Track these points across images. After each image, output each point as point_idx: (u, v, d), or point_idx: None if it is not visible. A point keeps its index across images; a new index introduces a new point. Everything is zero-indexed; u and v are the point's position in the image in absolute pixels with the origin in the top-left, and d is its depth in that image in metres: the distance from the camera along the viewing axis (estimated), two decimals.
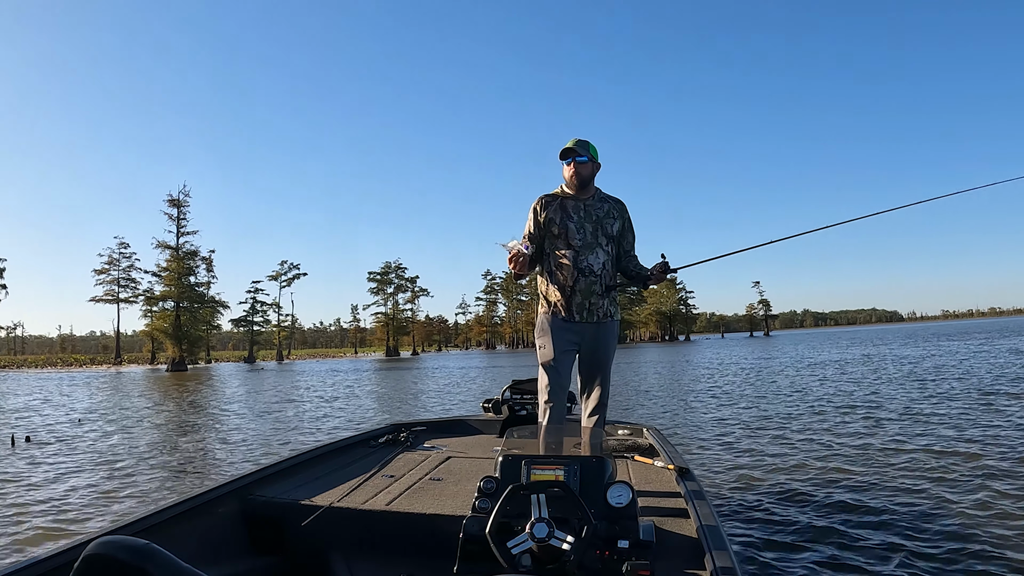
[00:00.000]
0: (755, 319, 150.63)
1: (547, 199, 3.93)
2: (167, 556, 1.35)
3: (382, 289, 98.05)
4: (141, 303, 68.87)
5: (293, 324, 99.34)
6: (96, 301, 72.88)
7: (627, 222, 4.07)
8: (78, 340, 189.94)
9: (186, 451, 10.39)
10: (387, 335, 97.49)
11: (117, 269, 73.17)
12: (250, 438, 11.76)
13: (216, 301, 71.42)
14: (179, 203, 66.00)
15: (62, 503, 6.86)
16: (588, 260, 3.84)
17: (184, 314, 64.95)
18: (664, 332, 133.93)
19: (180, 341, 62.58)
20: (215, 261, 79.85)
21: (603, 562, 2.35)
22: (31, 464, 9.50)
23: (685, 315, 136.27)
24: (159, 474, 8.44)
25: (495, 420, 5.43)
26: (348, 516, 3.19)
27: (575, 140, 3.86)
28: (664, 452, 4.16)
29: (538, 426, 3.56)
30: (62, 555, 2.31)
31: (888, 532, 5.01)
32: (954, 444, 8.13)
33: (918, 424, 9.95)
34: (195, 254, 67.32)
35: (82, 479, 8.16)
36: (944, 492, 6.02)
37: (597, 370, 3.98)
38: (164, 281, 65.54)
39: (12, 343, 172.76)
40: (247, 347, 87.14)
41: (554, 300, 3.89)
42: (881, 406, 12.30)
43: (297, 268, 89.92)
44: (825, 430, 9.95)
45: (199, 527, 3.08)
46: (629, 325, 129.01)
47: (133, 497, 7.08)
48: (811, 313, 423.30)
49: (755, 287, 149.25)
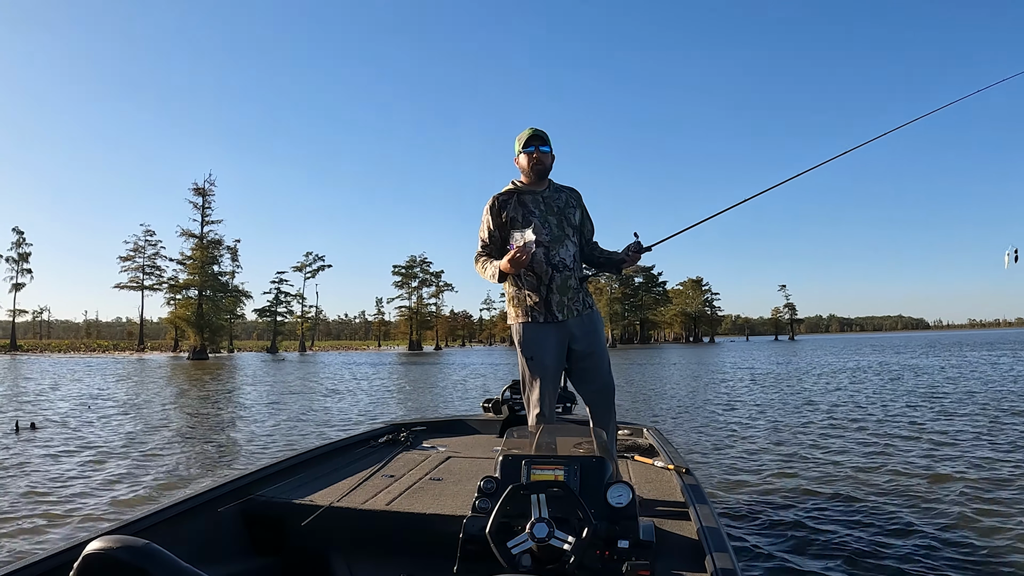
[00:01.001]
0: (780, 323, 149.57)
1: (503, 197, 3.73)
2: (167, 556, 1.35)
3: (406, 283, 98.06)
4: (164, 291, 69.15)
5: (317, 316, 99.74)
6: (120, 288, 73.39)
7: (585, 210, 3.89)
8: (104, 326, 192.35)
9: (182, 443, 10.32)
10: (410, 329, 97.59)
11: (142, 256, 73.61)
12: (242, 431, 11.77)
13: (239, 290, 72.04)
14: (204, 192, 66.17)
15: (57, 495, 6.79)
16: (560, 254, 3.63)
17: (206, 303, 65.14)
18: (689, 333, 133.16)
19: (202, 330, 62.91)
20: (240, 251, 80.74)
21: (603, 562, 2.35)
22: (32, 451, 9.46)
23: (710, 317, 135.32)
24: (153, 465, 8.43)
25: (495, 420, 5.42)
26: (348, 516, 3.20)
27: (533, 129, 3.69)
28: (664, 452, 4.17)
29: (538, 426, 3.47)
30: (62, 555, 2.33)
31: (889, 534, 5.04)
32: (958, 454, 8.08)
33: (923, 431, 9.96)
34: (219, 243, 67.55)
35: (79, 469, 8.12)
36: (947, 497, 6.05)
37: (597, 365, 3.75)
38: (188, 269, 65.98)
39: (38, 327, 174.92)
40: (271, 337, 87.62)
41: (531, 303, 3.64)
42: (886, 414, 12.22)
43: (322, 260, 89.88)
44: (828, 435, 9.99)
45: (199, 527, 3.09)
46: (654, 325, 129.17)
47: (131, 490, 7.04)
48: (837, 318, 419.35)
49: (781, 290, 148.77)
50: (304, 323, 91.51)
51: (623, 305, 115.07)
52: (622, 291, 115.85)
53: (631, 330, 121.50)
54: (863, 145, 4.47)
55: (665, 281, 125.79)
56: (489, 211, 3.73)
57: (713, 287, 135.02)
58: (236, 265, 72.44)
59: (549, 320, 3.62)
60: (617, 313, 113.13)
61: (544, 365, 3.62)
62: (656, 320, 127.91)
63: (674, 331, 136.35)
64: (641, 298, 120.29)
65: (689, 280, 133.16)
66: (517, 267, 3.45)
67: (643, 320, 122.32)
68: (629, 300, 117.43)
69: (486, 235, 3.74)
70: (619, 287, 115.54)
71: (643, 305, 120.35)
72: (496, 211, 3.71)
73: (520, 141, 3.70)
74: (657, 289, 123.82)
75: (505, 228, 3.67)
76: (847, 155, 4.34)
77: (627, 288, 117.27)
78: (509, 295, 3.74)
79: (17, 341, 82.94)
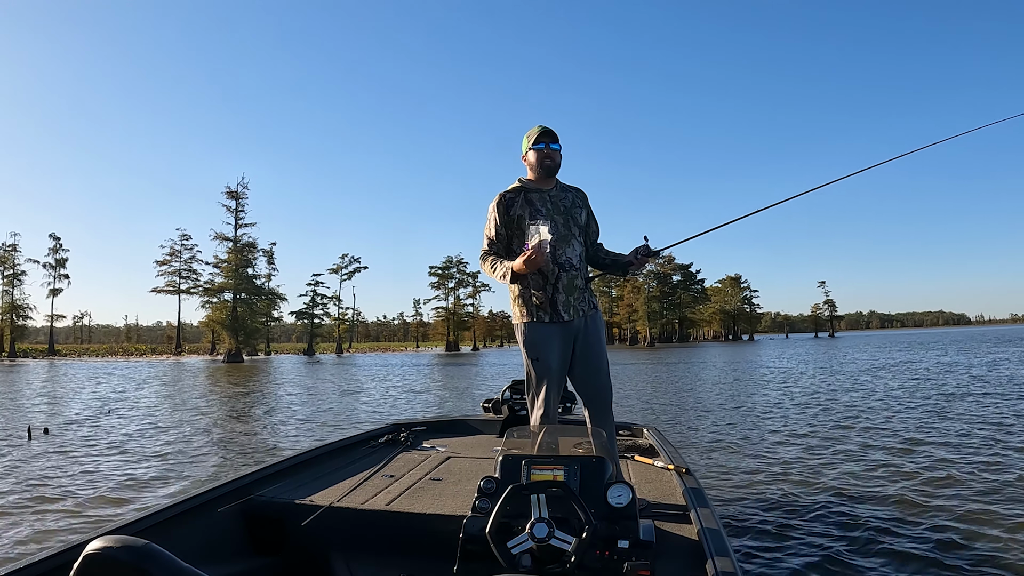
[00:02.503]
0: (820, 320, 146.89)
1: (509, 195, 3.70)
2: (167, 556, 1.36)
3: (443, 284, 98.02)
4: (199, 294, 69.70)
5: (355, 317, 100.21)
6: (157, 292, 73.99)
7: (591, 211, 3.88)
8: (144, 330, 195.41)
9: (193, 450, 10.11)
10: (447, 330, 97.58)
11: (179, 260, 74.12)
12: (247, 431, 11.83)
13: (273, 293, 72.29)
14: (237, 195, 66.63)
15: (56, 503, 6.64)
16: (566, 254, 3.61)
17: (241, 306, 65.67)
18: (728, 331, 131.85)
19: (237, 333, 63.46)
20: (277, 254, 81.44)
21: (603, 562, 2.34)
22: (42, 457, 9.35)
23: (749, 314, 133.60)
24: (155, 469, 8.34)
25: (495, 420, 5.44)
26: (348, 516, 3.22)
27: (542, 127, 3.67)
28: (664, 452, 4.20)
29: (538, 426, 3.47)
30: (62, 555, 2.34)
31: (892, 537, 5.03)
32: (965, 457, 7.92)
33: (933, 434, 9.76)
34: (253, 246, 67.90)
35: (83, 475, 7.97)
36: (953, 502, 5.98)
37: (597, 366, 3.71)
38: (222, 273, 66.60)
39: (79, 332, 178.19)
40: (308, 340, 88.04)
41: (536, 303, 3.60)
42: (898, 415, 11.90)
43: (358, 261, 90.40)
44: (834, 436, 9.86)
45: (199, 527, 3.10)
46: (692, 324, 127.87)
47: (131, 495, 6.96)
48: (877, 314, 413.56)
49: (820, 287, 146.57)
50: (341, 325, 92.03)
51: (661, 303, 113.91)
52: (660, 289, 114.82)
53: (669, 328, 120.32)
54: (906, 154, 4.46)
55: (703, 279, 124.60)
56: (496, 209, 3.70)
57: (752, 284, 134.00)
58: (272, 268, 73.31)
59: (554, 320, 3.59)
60: (655, 311, 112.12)
61: (550, 367, 3.59)
62: (695, 318, 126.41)
63: (713, 329, 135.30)
64: (679, 296, 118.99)
65: (728, 277, 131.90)
66: (532, 267, 3.40)
67: (681, 318, 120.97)
68: (667, 298, 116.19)
69: (493, 233, 3.71)
70: (657, 285, 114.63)
71: (681, 303, 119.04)
72: (503, 209, 3.69)
73: (529, 138, 3.68)
74: (696, 287, 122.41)
75: (512, 226, 3.68)
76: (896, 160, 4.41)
77: (665, 286, 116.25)
78: (514, 294, 3.69)
79: (56, 346, 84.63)
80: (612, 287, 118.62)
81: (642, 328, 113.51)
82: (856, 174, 4.31)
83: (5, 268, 76.69)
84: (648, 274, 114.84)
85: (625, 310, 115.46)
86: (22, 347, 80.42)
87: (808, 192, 4.11)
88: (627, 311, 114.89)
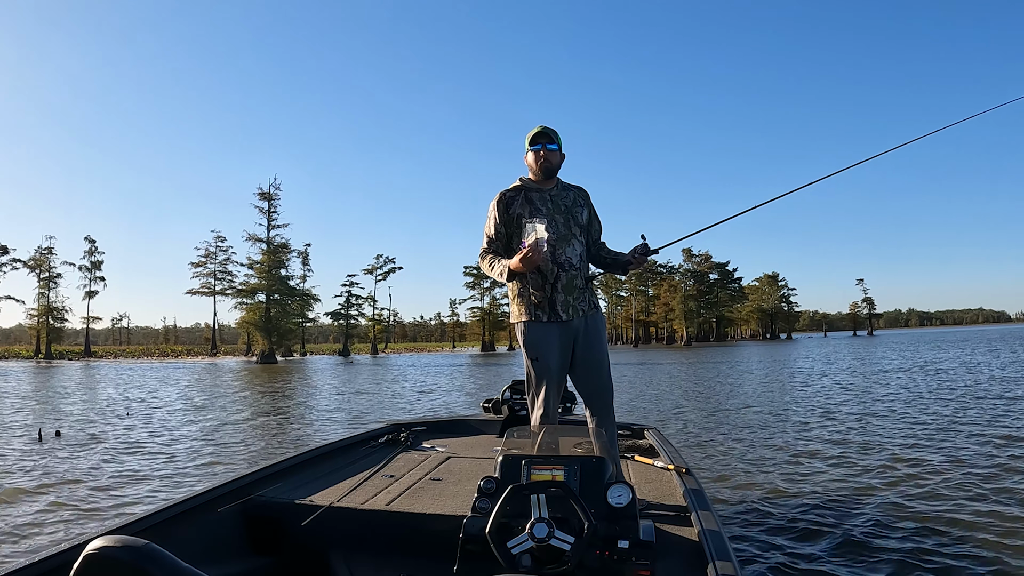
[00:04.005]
0: (858, 318, 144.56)
1: (510, 194, 3.72)
2: (167, 556, 1.36)
3: (478, 283, 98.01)
4: (231, 295, 69.96)
5: (391, 318, 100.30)
6: (192, 293, 74.62)
7: (593, 210, 3.88)
8: (182, 331, 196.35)
9: (194, 450, 9.88)
10: (483, 330, 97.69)
11: (214, 262, 74.23)
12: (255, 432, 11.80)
13: (307, 294, 72.29)
14: (269, 196, 66.72)
15: (50, 509, 6.47)
16: (566, 253, 3.61)
17: (274, 307, 65.58)
18: (765, 330, 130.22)
19: (270, 334, 63.69)
20: (312, 255, 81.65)
21: (603, 562, 2.34)
22: (49, 459, 9.15)
23: (787, 313, 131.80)
24: (158, 474, 8.11)
25: (495, 420, 5.41)
26: (348, 516, 3.20)
27: (541, 127, 3.66)
28: (664, 452, 4.18)
29: (538, 426, 3.44)
30: (62, 555, 2.33)
31: (893, 539, 4.98)
32: (973, 459, 7.74)
33: (941, 434, 9.56)
34: (285, 247, 67.87)
35: (86, 481, 7.71)
36: (957, 504, 5.91)
37: (597, 366, 3.68)
38: (255, 274, 66.85)
39: (118, 334, 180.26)
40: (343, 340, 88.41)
41: (535, 302, 3.60)
42: (908, 416, 11.70)
43: (392, 262, 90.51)
44: (841, 437, 9.72)
45: (199, 527, 3.08)
46: (730, 322, 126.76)
47: (132, 499, 6.82)
48: (916, 312, 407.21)
49: (859, 284, 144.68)
50: (376, 325, 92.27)
51: (698, 302, 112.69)
52: (697, 288, 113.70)
53: (707, 328, 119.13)
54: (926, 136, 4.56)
55: (740, 277, 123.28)
56: (496, 207, 3.71)
57: (790, 282, 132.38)
58: (307, 269, 73.50)
59: (553, 319, 3.58)
60: (692, 310, 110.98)
61: (549, 367, 3.58)
62: (732, 317, 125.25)
63: (750, 328, 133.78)
64: (716, 295, 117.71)
65: (765, 276, 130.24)
66: (529, 265, 3.41)
67: (719, 317, 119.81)
68: (704, 297, 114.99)
69: (492, 231, 3.73)
70: (694, 284, 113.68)
71: (719, 302, 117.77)
72: (503, 208, 3.69)
73: (527, 139, 3.68)
74: (733, 285, 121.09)
75: (512, 225, 3.68)
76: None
77: (702, 285, 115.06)
78: (513, 293, 3.70)
79: (93, 348, 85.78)
80: (649, 286, 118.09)
81: (679, 327, 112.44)
82: (871, 159, 4.34)
83: (40, 271, 77.77)
84: (685, 272, 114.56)
85: (662, 309, 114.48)
86: (58, 349, 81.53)
87: (812, 183, 4.14)
88: (664, 310, 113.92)
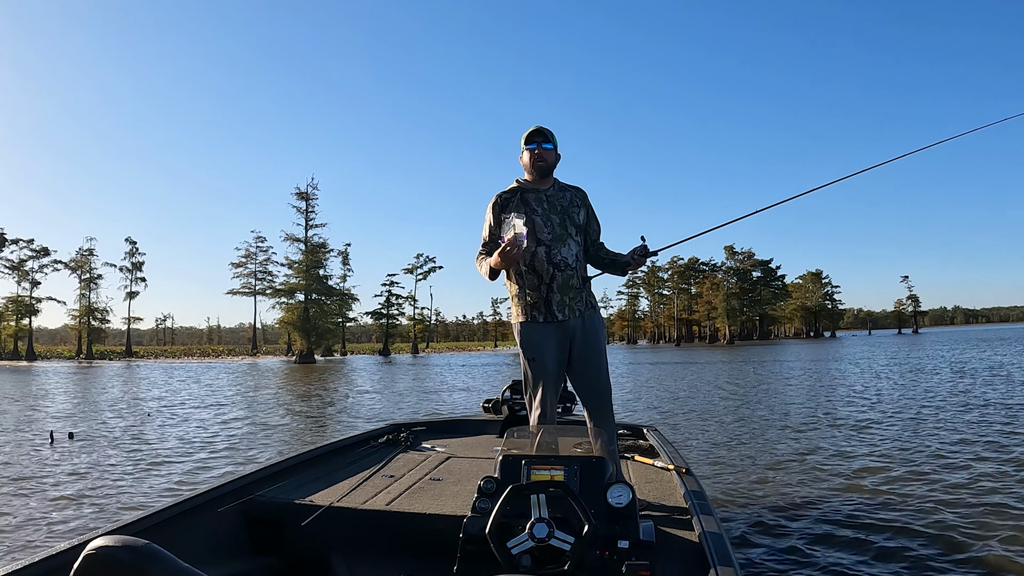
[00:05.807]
0: (903, 316, 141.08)
1: (505, 195, 3.68)
2: (167, 556, 1.36)
3: None
4: (269, 295, 69.48)
5: (432, 317, 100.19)
6: (233, 294, 74.75)
7: (591, 210, 3.81)
8: (226, 331, 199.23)
9: (204, 455, 9.63)
10: None
11: (254, 262, 74.02)
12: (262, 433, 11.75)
13: (345, 293, 72.19)
14: (307, 196, 66.67)
15: (43, 515, 6.29)
16: (562, 253, 3.56)
17: (312, 306, 65.33)
18: (809, 328, 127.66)
19: (308, 333, 63.81)
20: (352, 255, 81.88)
21: (603, 562, 2.34)
22: (56, 463, 8.95)
23: (831, 311, 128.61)
24: (161, 478, 7.92)
25: (495, 420, 5.41)
26: (348, 516, 3.20)
27: (537, 127, 3.62)
28: (664, 453, 4.17)
29: (538, 426, 3.38)
30: (62, 555, 2.33)
31: (895, 541, 4.93)
32: (981, 462, 7.65)
33: (954, 436, 9.40)
34: (324, 247, 67.65)
35: (89, 486, 7.48)
36: (961, 506, 5.85)
37: (595, 366, 3.63)
38: (294, 274, 67.03)
39: (161, 334, 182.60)
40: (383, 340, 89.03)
41: (531, 302, 3.58)
42: (920, 416, 11.63)
43: (433, 261, 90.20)
44: (846, 437, 9.69)
45: (199, 527, 3.08)
46: (773, 321, 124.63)
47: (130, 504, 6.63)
48: (962, 310, 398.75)
49: (904, 281, 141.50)
50: (416, 325, 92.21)
51: (740, 300, 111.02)
52: (739, 286, 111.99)
53: (750, 326, 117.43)
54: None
55: (784, 275, 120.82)
56: (491, 209, 3.68)
57: (833, 279, 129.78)
58: (347, 269, 73.59)
59: (549, 320, 3.57)
60: (734, 308, 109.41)
61: (546, 367, 3.57)
62: (775, 315, 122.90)
63: (794, 326, 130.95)
64: (759, 293, 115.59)
65: (808, 273, 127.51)
66: (510, 261, 3.36)
67: (762, 315, 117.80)
68: (747, 295, 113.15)
69: (486, 233, 3.70)
70: (736, 282, 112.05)
71: (761, 300, 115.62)
72: (498, 210, 3.66)
73: (523, 139, 3.66)
74: (776, 283, 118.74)
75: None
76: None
77: (744, 283, 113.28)
78: (511, 294, 3.70)
79: (134, 348, 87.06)
80: (692, 284, 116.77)
81: (721, 326, 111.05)
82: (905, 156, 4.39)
83: (81, 272, 78.90)
84: (728, 270, 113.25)
85: (704, 307, 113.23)
86: (100, 349, 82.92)
87: (833, 183, 4.24)
88: (706, 308, 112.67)
